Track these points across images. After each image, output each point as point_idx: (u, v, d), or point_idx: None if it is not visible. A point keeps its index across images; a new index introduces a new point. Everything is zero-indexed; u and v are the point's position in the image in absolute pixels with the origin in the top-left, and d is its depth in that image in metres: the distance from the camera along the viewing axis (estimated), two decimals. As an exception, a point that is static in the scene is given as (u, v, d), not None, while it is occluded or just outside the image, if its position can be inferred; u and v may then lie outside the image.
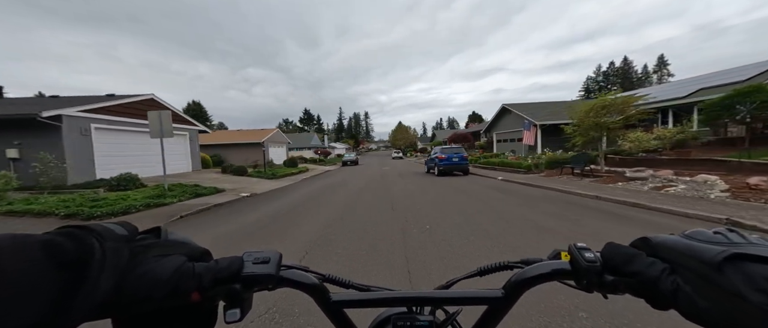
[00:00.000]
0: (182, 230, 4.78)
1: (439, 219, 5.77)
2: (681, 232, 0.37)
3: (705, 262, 0.31)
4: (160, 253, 0.37)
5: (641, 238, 0.39)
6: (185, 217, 7.06)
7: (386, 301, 0.49)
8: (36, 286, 0.27)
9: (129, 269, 0.34)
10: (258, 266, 0.43)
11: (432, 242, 4.31)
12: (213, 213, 7.53)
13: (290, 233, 5.17)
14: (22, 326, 0.25)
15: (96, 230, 0.34)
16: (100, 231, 0.34)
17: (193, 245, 0.42)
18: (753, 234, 0.33)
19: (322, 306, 0.49)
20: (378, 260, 3.70)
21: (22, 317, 0.26)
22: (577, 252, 0.43)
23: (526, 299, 0.53)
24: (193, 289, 0.37)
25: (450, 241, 4.35)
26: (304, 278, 0.48)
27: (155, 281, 0.34)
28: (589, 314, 2.33)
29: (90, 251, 0.31)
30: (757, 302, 0.27)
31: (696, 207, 5.78)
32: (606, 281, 0.39)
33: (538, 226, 5.05)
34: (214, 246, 4.41)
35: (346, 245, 4.31)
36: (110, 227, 0.36)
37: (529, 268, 0.47)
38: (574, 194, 8.27)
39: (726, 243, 0.32)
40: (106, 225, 0.35)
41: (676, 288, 0.33)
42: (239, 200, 9.44)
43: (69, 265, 0.29)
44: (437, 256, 3.76)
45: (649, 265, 0.36)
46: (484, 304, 0.48)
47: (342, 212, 6.79)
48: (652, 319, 2.17)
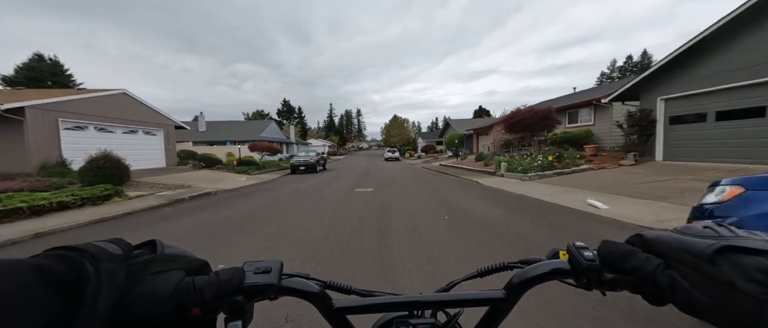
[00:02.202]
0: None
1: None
2: (673, 228, 0.38)
3: (697, 255, 0.32)
4: (159, 269, 0.36)
5: (636, 235, 0.40)
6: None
7: (388, 306, 0.49)
8: (29, 312, 0.26)
9: (127, 289, 0.33)
10: (260, 276, 0.43)
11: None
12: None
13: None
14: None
15: (89, 251, 0.32)
16: (93, 253, 0.32)
17: (190, 258, 0.41)
18: (740, 229, 0.34)
19: (325, 314, 0.48)
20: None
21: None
22: (576, 251, 0.43)
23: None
24: (195, 304, 0.36)
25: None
26: (306, 286, 0.47)
27: (156, 299, 0.34)
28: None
29: (84, 274, 0.30)
30: (750, 291, 0.28)
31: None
32: (605, 279, 0.40)
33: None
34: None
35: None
36: (103, 246, 0.34)
37: (529, 268, 0.47)
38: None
39: (715, 236, 0.33)
40: (100, 245, 0.34)
41: (673, 282, 0.34)
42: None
43: (63, 289, 0.28)
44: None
45: (645, 261, 0.37)
46: (486, 305, 0.48)
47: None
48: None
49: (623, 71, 78.67)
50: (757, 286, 0.28)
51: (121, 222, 6.24)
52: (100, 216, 6.33)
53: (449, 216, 5.65)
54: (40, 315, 0.26)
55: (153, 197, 8.69)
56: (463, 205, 6.78)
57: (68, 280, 0.29)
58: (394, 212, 6.18)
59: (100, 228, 5.76)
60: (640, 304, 0.36)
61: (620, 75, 76.72)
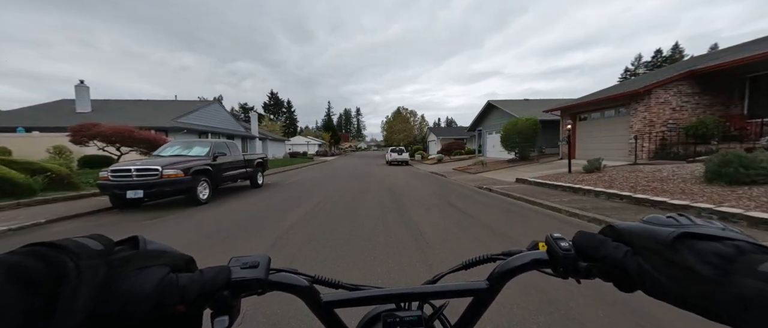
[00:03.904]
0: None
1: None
2: (640, 218, 0.40)
3: (660, 242, 0.34)
4: (141, 265, 0.35)
5: (608, 226, 0.42)
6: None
7: (375, 298, 0.50)
8: (1, 314, 0.25)
9: (107, 285, 0.32)
10: (247, 271, 0.42)
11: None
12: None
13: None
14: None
15: (68, 247, 0.31)
16: (73, 248, 0.31)
17: (175, 254, 0.40)
18: (698, 219, 0.37)
19: (313, 308, 0.48)
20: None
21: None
22: (554, 242, 0.45)
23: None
24: (178, 302, 0.36)
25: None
26: (294, 281, 0.47)
27: (137, 296, 0.33)
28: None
29: (63, 271, 0.29)
30: (706, 273, 0.30)
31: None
32: (580, 268, 0.42)
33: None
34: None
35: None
36: (84, 242, 0.33)
37: (510, 259, 0.48)
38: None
39: (676, 225, 0.36)
40: (80, 240, 0.33)
41: (639, 267, 0.36)
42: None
43: (39, 288, 0.27)
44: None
45: (615, 248, 0.39)
46: (470, 296, 0.49)
47: None
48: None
49: (653, 66, 68.98)
50: (711, 268, 0.30)
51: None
52: None
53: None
54: (12, 316, 0.25)
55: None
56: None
57: (44, 278, 0.27)
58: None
59: None
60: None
61: (649, 70, 66.93)
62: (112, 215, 6.14)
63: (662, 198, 5.53)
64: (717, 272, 0.30)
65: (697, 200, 5.14)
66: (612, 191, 6.52)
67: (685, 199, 5.31)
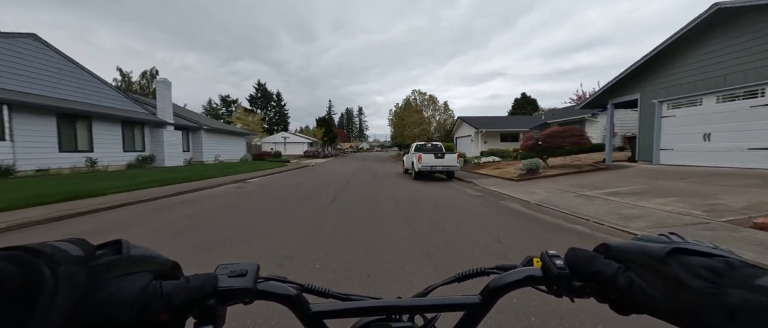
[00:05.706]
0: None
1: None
2: (634, 237, 0.42)
3: (653, 257, 0.35)
4: (123, 272, 0.33)
5: (602, 244, 0.42)
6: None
7: (366, 310, 0.48)
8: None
9: (87, 293, 0.30)
10: (234, 280, 0.41)
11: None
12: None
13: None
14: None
15: (46, 252, 0.29)
16: (50, 254, 0.29)
17: (160, 259, 0.38)
18: (689, 238, 0.38)
19: (301, 318, 0.47)
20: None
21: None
22: (549, 259, 0.44)
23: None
24: (162, 310, 0.34)
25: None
26: (283, 290, 0.46)
27: (118, 304, 0.31)
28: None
29: (39, 277, 0.27)
30: (695, 285, 0.31)
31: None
32: (574, 287, 0.41)
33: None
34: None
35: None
36: (62, 246, 0.31)
37: (504, 274, 0.47)
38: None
39: (668, 242, 0.37)
40: (58, 245, 0.31)
41: (631, 282, 0.36)
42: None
43: (13, 296, 0.26)
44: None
45: (606, 265, 0.39)
46: (462, 310, 0.48)
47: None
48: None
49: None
50: (700, 280, 0.31)
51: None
52: None
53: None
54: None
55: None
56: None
57: (18, 285, 0.26)
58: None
59: None
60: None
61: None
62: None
63: None
64: (706, 284, 0.31)
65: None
66: None
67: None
